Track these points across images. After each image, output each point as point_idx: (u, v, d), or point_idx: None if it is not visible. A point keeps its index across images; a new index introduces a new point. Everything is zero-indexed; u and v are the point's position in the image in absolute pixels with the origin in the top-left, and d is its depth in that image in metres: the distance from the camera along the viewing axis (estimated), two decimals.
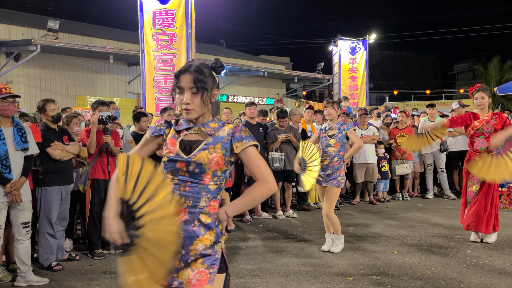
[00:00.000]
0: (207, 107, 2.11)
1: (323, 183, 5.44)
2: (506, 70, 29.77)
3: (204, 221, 2.03)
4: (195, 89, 2.05)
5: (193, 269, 2.01)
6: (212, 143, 2.06)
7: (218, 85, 2.17)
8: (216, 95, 2.16)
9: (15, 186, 4.26)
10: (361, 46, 18.14)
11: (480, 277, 4.46)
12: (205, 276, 2.01)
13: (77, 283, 4.49)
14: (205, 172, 2.04)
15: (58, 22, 13.92)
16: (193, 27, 10.00)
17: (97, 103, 5.75)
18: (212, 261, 2.03)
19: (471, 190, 5.74)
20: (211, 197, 2.06)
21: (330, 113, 5.51)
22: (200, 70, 2.07)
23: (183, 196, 2.04)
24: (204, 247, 2.02)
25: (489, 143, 5.48)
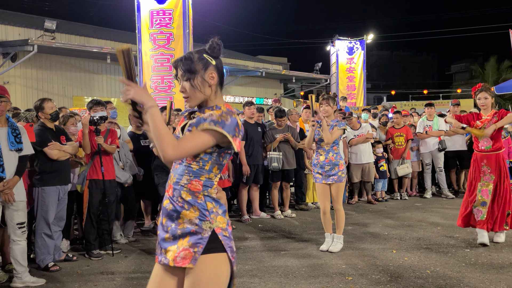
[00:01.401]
0: (202, 92, 2.10)
1: (323, 180, 5.40)
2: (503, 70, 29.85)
3: (185, 197, 2.06)
4: (184, 76, 2.11)
5: (179, 246, 2.02)
6: (194, 123, 2.07)
7: (217, 67, 2.14)
8: (213, 78, 2.12)
9: (7, 185, 4.22)
10: (358, 46, 18.15)
11: (479, 276, 4.44)
12: (188, 255, 2.00)
13: (74, 283, 4.45)
14: None
15: (55, 22, 13.88)
16: (190, 27, 9.97)
17: (92, 103, 5.72)
18: (197, 239, 2.01)
19: (485, 189, 5.66)
20: (193, 177, 2.08)
21: (326, 110, 5.45)
22: (188, 57, 2.12)
23: (173, 173, 2.14)
24: (189, 221, 2.04)
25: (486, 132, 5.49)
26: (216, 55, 2.15)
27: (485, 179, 5.69)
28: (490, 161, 5.66)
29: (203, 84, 2.10)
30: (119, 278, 4.58)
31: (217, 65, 2.14)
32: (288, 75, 21.44)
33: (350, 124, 8.78)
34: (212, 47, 2.13)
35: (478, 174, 5.73)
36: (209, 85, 2.11)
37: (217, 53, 2.14)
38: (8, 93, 4.48)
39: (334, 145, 5.44)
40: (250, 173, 7.21)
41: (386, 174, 9.00)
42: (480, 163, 5.74)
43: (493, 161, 5.65)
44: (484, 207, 5.63)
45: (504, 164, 5.71)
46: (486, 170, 5.68)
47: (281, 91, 23.36)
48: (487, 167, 5.69)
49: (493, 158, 5.66)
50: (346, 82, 17.96)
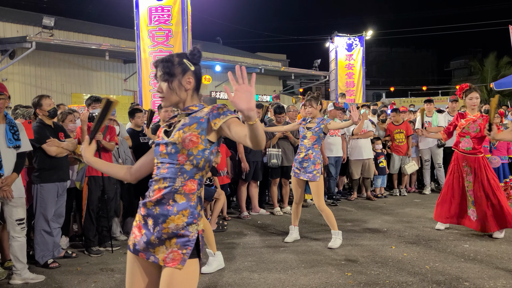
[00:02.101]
0: (178, 93, 2.18)
1: (300, 175, 5.52)
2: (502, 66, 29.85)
3: (178, 201, 2.09)
4: (162, 77, 2.18)
5: (167, 247, 2.08)
6: (188, 123, 2.13)
7: (195, 73, 2.23)
8: (190, 83, 2.21)
9: (5, 182, 4.21)
10: (357, 43, 18.15)
11: (478, 271, 4.45)
12: (178, 256, 2.07)
13: (74, 280, 4.46)
14: (179, 152, 2.11)
15: (53, 19, 13.85)
16: (189, 23, 9.94)
17: (90, 100, 5.71)
18: (185, 242, 2.08)
19: (471, 190, 5.76)
20: (187, 177, 2.11)
21: (310, 112, 5.50)
22: (169, 59, 2.19)
23: (162, 178, 2.13)
24: (176, 227, 2.07)
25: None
26: (196, 62, 2.23)
27: (468, 179, 5.79)
28: (470, 162, 5.75)
29: (179, 88, 2.18)
30: (118, 275, 4.58)
31: (195, 71, 2.22)
32: (287, 72, 21.44)
33: None
34: (192, 54, 2.22)
35: (461, 173, 5.82)
36: (185, 89, 2.20)
37: (197, 60, 2.23)
38: (6, 90, 4.47)
39: (316, 144, 5.50)
40: (249, 169, 7.21)
41: (385, 171, 9.00)
42: (461, 163, 5.82)
43: (472, 162, 5.73)
44: (474, 206, 5.74)
45: (485, 164, 5.73)
46: (467, 170, 5.79)
47: (280, 88, 23.35)
48: (468, 167, 5.78)
49: (472, 160, 5.73)
50: (345, 79, 17.97)
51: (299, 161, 5.54)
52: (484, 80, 29.01)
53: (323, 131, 5.50)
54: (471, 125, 5.71)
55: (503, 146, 8.63)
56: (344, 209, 7.90)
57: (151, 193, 2.15)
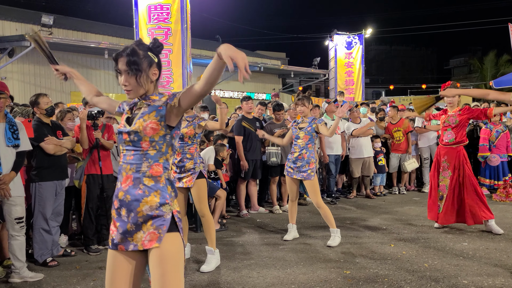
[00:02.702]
0: (145, 86, 2.25)
1: (294, 175, 5.53)
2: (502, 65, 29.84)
3: (147, 183, 2.19)
4: (128, 71, 2.21)
5: (144, 231, 2.17)
6: (147, 111, 2.23)
7: (158, 65, 2.30)
8: (156, 75, 2.29)
9: (3, 180, 4.21)
10: (357, 41, 18.11)
11: (477, 270, 4.46)
12: (154, 236, 2.16)
13: (72, 278, 4.46)
14: (142, 139, 2.21)
15: (52, 17, 13.81)
16: (188, 22, 9.93)
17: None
18: (161, 222, 2.17)
19: (443, 184, 5.95)
20: (152, 162, 2.22)
21: (302, 111, 5.56)
22: (133, 52, 2.22)
23: (129, 164, 2.23)
24: (149, 208, 2.17)
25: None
26: (159, 53, 2.31)
27: (444, 174, 5.94)
28: (450, 157, 5.90)
29: (147, 81, 2.25)
30: None
31: (158, 63, 2.31)
32: (286, 70, 21.40)
33: (352, 117, 8.79)
34: (155, 45, 2.30)
35: (438, 169, 6.00)
36: (151, 81, 2.28)
37: (159, 51, 2.31)
38: (7, 89, 4.46)
39: (309, 143, 5.51)
40: (248, 168, 7.21)
41: (384, 169, 9.00)
42: (442, 158, 5.98)
43: (453, 156, 5.88)
44: (441, 201, 5.93)
45: (464, 159, 5.90)
46: (445, 166, 5.93)
47: (279, 86, 23.33)
48: (446, 163, 5.93)
49: (454, 154, 5.89)
50: (344, 77, 17.93)
51: (292, 161, 5.54)
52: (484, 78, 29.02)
53: (315, 130, 5.52)
54: (450, 118, 5.96)
55: (502, 145, 8.64)
56: (343, 207, 7.91)
57: (120, 181, 2.25)
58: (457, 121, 5.89)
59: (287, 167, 5.63)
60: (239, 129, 7.24)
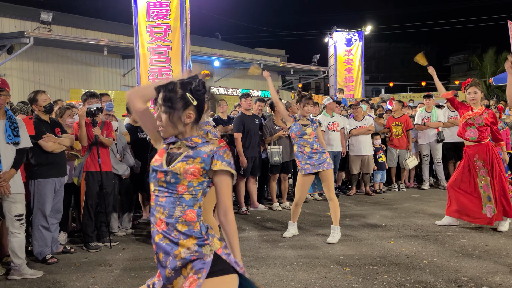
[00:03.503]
0: (177, 127, 2.13)
1: (314, 169, 5.49)
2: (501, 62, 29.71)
3: (181, 229, 2.07)
4: (163, 108, 2.12)
5: (185, 276, 2.04)
6: (192, 156, 2.11)
7: (197, 107, 2.14)
8: (190, 118, 2.14)
9: (3, 177, 4.20)
10: (356, 38, 18.08)
11: (477, 266, 4.46)
12: (193, 282, 2.00)
13: (72, 275, 4.45)
14: (180, 182, 2.08)
15: (51, 14, 13.77)
16: (187, 18, 9.90)
17: (86, 95, 5.70)
18: (201, 265, 2.02)
19: (485, 184, 5.81)
20: (186, 207, 2.08)
21: (310, 111, 5.66)
22: (172, 89, 2.11)
23: (161, 207, 2.10)
24: (188, 251, 2.04)
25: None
26: (199, 98, 2.14)
27: (482, 173, 5.84)
28: (481, 154, 5.81)
29: (178, 122, 2.12)
30: (117, 270, 4.58)
31: (197, 106, 2.15)
32: (286, 67, 21.36)
33: (355, 114, 8.77)
34: (197, 89, 2.14)
35: (475, 169, 5.86)
36: (184, 123, 2.14)
37: (201, 96, 2.15)
38: (8, 86, 4.45)
39: (316, 138, 5.59)
40: (247, 165, 7.20)
41: (384, 166, 9.00)
42: (473, 158, 5.88)
43: (483, 153, 5.80)
44: (490, 202, 5.77)
45: (494, 152, 5.84)
46: (480, 165, 5.83)
47: (279, 83, 23.29)
48: (480, 161, 5.83)
49: (483, 150, 5.81)
50: (344, 74, 17.91)
51: (307, 156, 5.50)
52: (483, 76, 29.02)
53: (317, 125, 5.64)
54: (477, 117, 5.83)
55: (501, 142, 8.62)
56: (342, 204, 7.89)
57: (155, 221, 2.12)
58: (483, 123, 5.79)
59: (302, 165, 5.54)
60: (238, 126, 7.23)
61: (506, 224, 5.78)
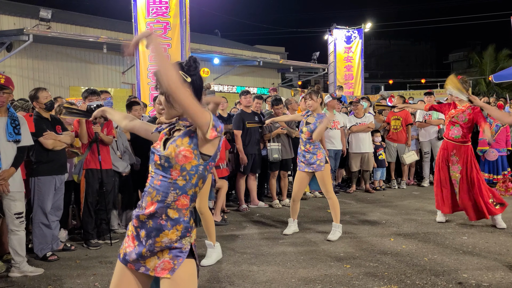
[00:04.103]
0: (175, 109, 2.12)
1: (305, 168, 5.53)
2: (501, 59, 29.76)
3: (171, 216, 2.07)
4: (160, 90, 2.15)
5: (159, 257, 2.08)
6: (181, 135, 2.09)
7: (193, 84, 2.13)
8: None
9: (2, 176, 4.18)
10: (356, 35, 18.05)
11: (477, 264, 4.46)
12: (168, 266, 2.06)
13: (72, 273, 4.45)
14: (172, 167, 2.06)
15: (50, 11, 13.75)
16: (187, 16, 9.90)
17: (87, 93, 5.69)
18: (178, 253, 2.07)
19: (454, 179, 5.93)
20: (180, 193, 2.07)
21: (311, 105, 5.51)
22: None
23: (155, 190, 2.09)
24: (169, 241, 2.07)
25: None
26: (192, 73, 2.14)
27: (453, 168, 5.92)
28: (459, 152, 5.89)
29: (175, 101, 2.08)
30: None
31: (192, 82, 2.13)
32: (285, 64, 21.35)
33: (356, 111, 8.76)
34: (188, 65, 2.14)
35: (447, 162, 5.96)
36: None
37: (193, 71, 2.14)
38: (12, 84, 4.43)
39: (311, 137, 5.52)
40: (247, 162, 7.20)
41: (384, 163, 9.00)
42: (450, 152, 5.95)
43: (462, 152, 5.87)
44: (458, 195, 5.91)
45: (472, 155, 5.91)
46: (454, 160, 5.91)
47: (278, 80, 23.28)
48: (455, 157, 5.91)
49: (462, 149, 5.88)
50: (344, 72, 17.89)
51: (302, 155, 5.57)
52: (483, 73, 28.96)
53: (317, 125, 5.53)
54: (460, 115, 5.89)
55: (501, 139, 8.64)
56: (343, 201, 7.90)
57: (144, 204, 2.12)
58: (466, 119, 5.81)
59: (298, 161, 5.64)
60: (238, 123, 7.22)
61: (500, 220, 5.82)
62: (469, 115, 5.81)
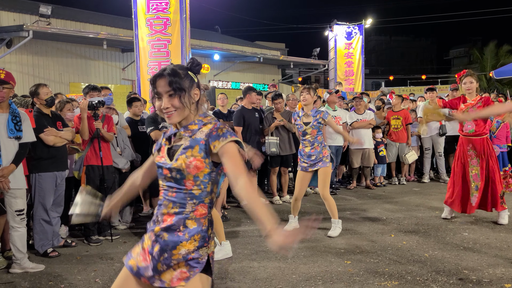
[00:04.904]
0: (189, 109, 2.08)
1: (309, 168, 5.51)
2: (502, 55, 29.71)
3: (189, 226, 2.04)
4: (171, 92, 2.04)
5: (175, 269, 2.04)
6: (190, 146, 2.04)
7: (198, 85, 2.14)
8: (197, 95, 2.12)
9: (2, 173, 4.17)
10: (357, 31, 18.00)
11: (478, 260, 4.46)
12: (183, 275, 2.03)
13: (73, 269, 4.46)
14: (185, 177, 2.03)
15: (50, 7, 13.69)
16: (187, 12, 9.86)
17: (88, 88, 5.68)
18: (195, 263, 2.04)
19: (475, 173, 5.81)
20: (197, 202, 2.05)
21: (305, 98, 5.52)
22: (174, 72, 2.06)
23: (171, 202, 2.07)
24: (187, 252, 2.03)
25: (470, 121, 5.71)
26: (198, 73, 2.16)
27: (472, 163, 5.84)
28: (475, 145, 5.82)
29: (189, 101, 2.07)
30: (118, 264, 4.58)
31: (198, 82, 2.14)
32: (286, 60, 21.30)
33: (358, 107, 8.74)
34: (194, 65, 2.14)
35: (466, 158, 5.88)
36: (192, 102, 2.10)
37: (198, 71, 2.16)
38: (13, 79, 4.41)
39: (318, 135, 5.53)
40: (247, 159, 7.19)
41: (385, 159, 8.99)
42: (466, 147, 5.89)
43: (478, 144, 5.80)
44: (477, 191, 5.79)
45: (489, 147, 5.84)
46: (472, 154, 5.84)
47: (279, 76, 23.25)
48: (473, 151, 5.85)
49: (478, 142, 5.81)
50: (344, 68, 17.85)
51: (307, 156, 5.52)
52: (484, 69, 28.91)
53: (320, 122, 5.51)
54: (470, 109, 5.78)
55: (502, 135, 8.62)
56: (343, 197, 7.91)
57: (160, 218, 2.08)
58: None
59: (301, 162, 5.59)
60: (238, 119, 7.21)
61: (506, 217, 5.80)
62: (479, 107, 5.70)
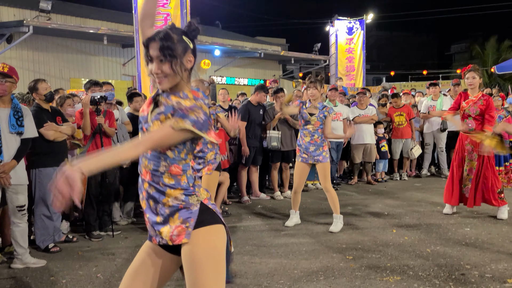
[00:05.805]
0: (181, 76, 2.00)
1: (309, 160, 5.50)
2: (503, 50, 29.64)
3: (167, 182, 2.03)
4: (162, 57, 1.97)
5: (171, 225, 2.02)
6: (163, 112, 2.00)
7: (194, 51, 2.07)
8: (191, 62, 2.05)
9: (3, 169, 4.15)
10: (358, 26, 17.92)
11: (480, 255, 4.45)
12: (182, 231, 2.01)
13: (75, 264, 4.45)
14: None
15: (50, 2, 13.63)
16: (188, 7, 9.81)
17: (89, 84, 5.66)
18: (188, 215, 2.01)
19: (471, 167, 5.84)
20: (171, 163, 2.02)
21: (313, 94, 5.49)
22: (167, 36, 1.97)
23: (146, 159, 2.05)
24: (175, 200, 2.02)
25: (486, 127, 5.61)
26: (194, 38, 2.07)
27: (470, 157, 5.87)
28: (473, 141, 5.81)
29: (181, 68, 2.00)
30: (119, 259, 4.58)
31: (193, 49, 2.06)
32: (287, 56, 21.24)
33: (361, 102, 8.71)
34: (191, 29, 2.05)
35: (463, 153, 5.91)
36: (185, 68, 2.03)
37: (195, 36, 2.07)
38: (16, 74, 4.39)
39: (319, 129, 5.50)
40: (249, 154, 7.18)
41: (387, 155, 8.98)
42: (464, 141, 5.91)
43: (476, 142, 5.77)
44: (470, 182, 5.85)
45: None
46: (469, 148, 5.86)
47: (279, 72, 23.20)
48: (470, 145, 5.86)
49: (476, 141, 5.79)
50: (345, 63, 17.79)
51: (305, 146, 5.50)
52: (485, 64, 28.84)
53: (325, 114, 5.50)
54: (471, 107, 5.78)
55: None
56: (344, 193, 7.90)
57: (141, 171, 2.09)
58: (478, 111, 5.71)
59: (300, 153, 5.57)
60: (244, 114, 7.20)
61: (506, 212, 5.80)
62: (480, 106, 5.69)
